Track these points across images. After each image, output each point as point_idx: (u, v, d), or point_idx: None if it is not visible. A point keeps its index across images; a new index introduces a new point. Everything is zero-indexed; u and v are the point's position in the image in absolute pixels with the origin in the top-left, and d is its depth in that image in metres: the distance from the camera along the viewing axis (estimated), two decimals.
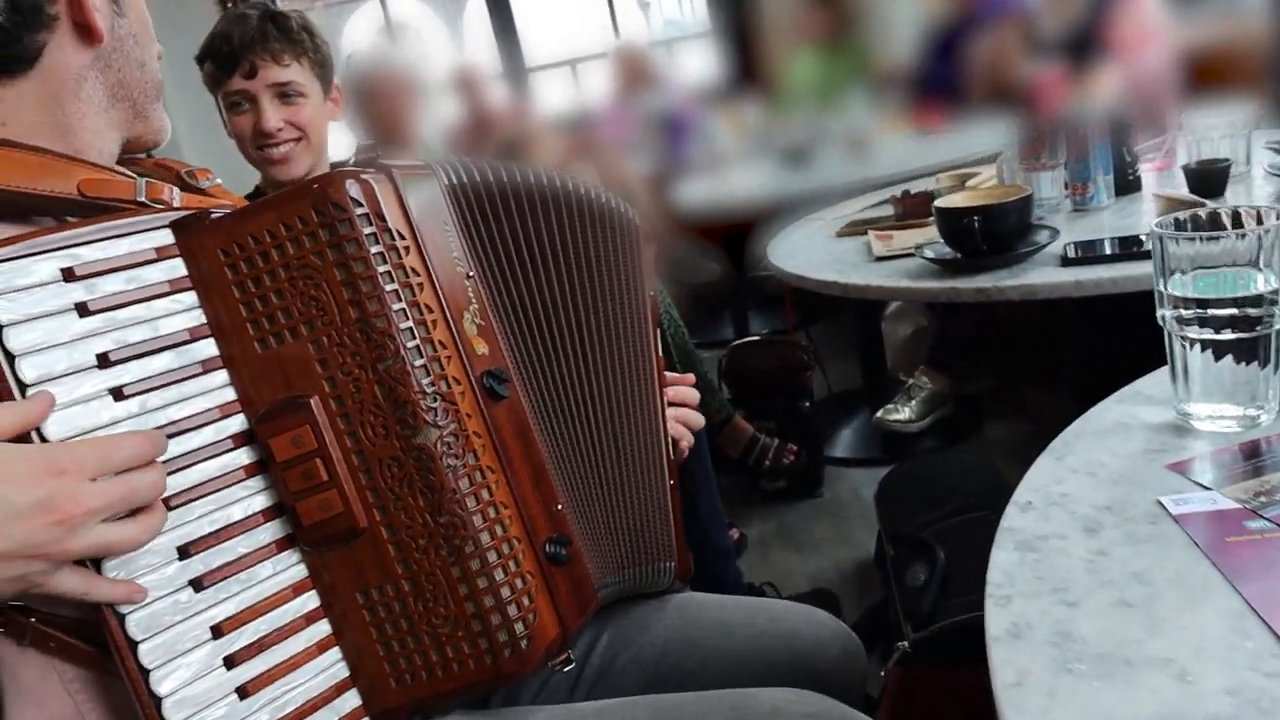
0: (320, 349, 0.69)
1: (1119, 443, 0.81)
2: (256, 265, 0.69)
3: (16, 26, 0.70)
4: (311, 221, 0.68)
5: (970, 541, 1.71)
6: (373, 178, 0.70)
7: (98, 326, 0.66)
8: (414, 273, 0.70)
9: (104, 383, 0.66)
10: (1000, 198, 1.32)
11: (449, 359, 0.71)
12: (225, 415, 0.70)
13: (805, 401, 2.47)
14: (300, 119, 1.44)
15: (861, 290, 1.36)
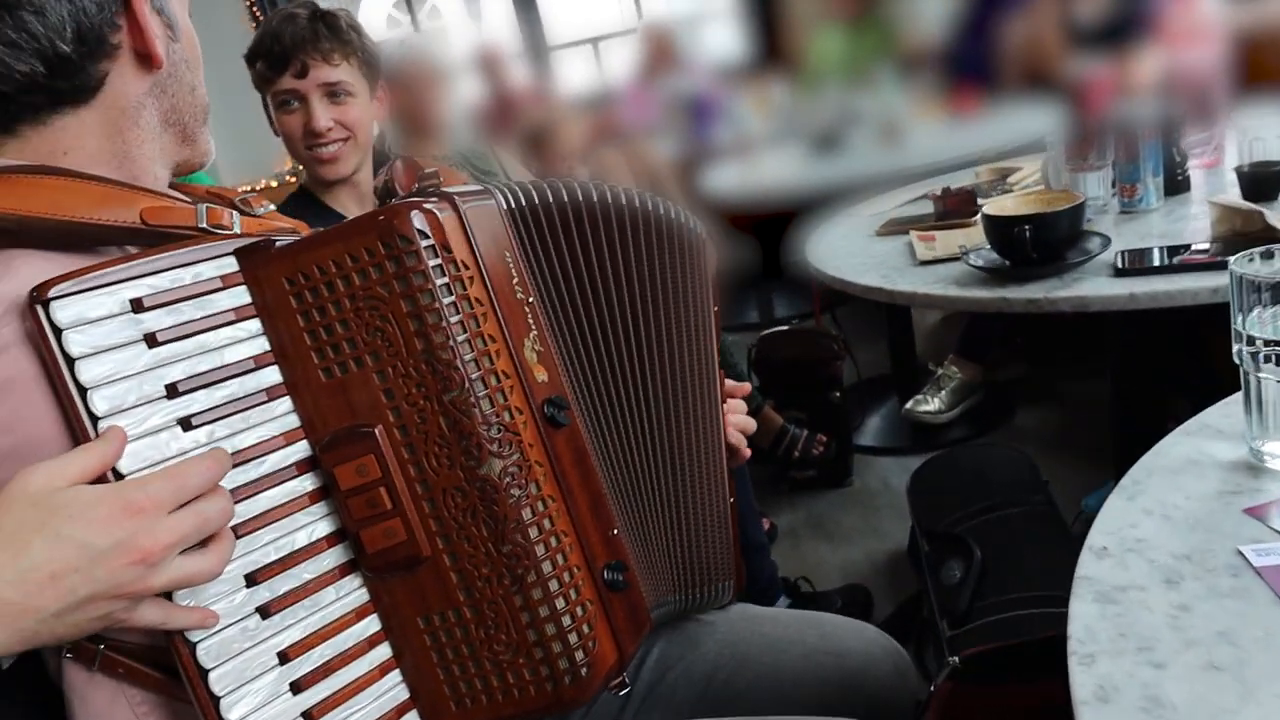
0: (385, 379, 0.69)
1: (1192, 482, 0.80)
2: (321, 294, 0.69)
3: (81, 57, 0.70)
4: (378, 253, 0.68)
5: (1006, 539, 1.71)
6: (437, 208, 0.70)
7: (166, 356, 0.66)
8: (478, 303, 0.70)
9: (173, 413, 0.66)
10: (1050, 204, 1.29)
11: (511, 389, 0.71)
12: (289, 442, 0.71)
13: (835, 391, 2.46)
14: (349, 118, 1.43)
15: (907, 298, 1.35)
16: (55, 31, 0.69)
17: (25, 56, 0.69)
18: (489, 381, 0.70)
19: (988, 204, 1.31)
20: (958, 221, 1.58)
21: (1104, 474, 2.31)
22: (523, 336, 0.74)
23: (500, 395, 0.70)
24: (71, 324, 0.63)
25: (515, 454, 0.70)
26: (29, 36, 0.68)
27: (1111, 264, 1.26)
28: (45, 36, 0.68)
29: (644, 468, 0.85)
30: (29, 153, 0.72)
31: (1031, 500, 1.78)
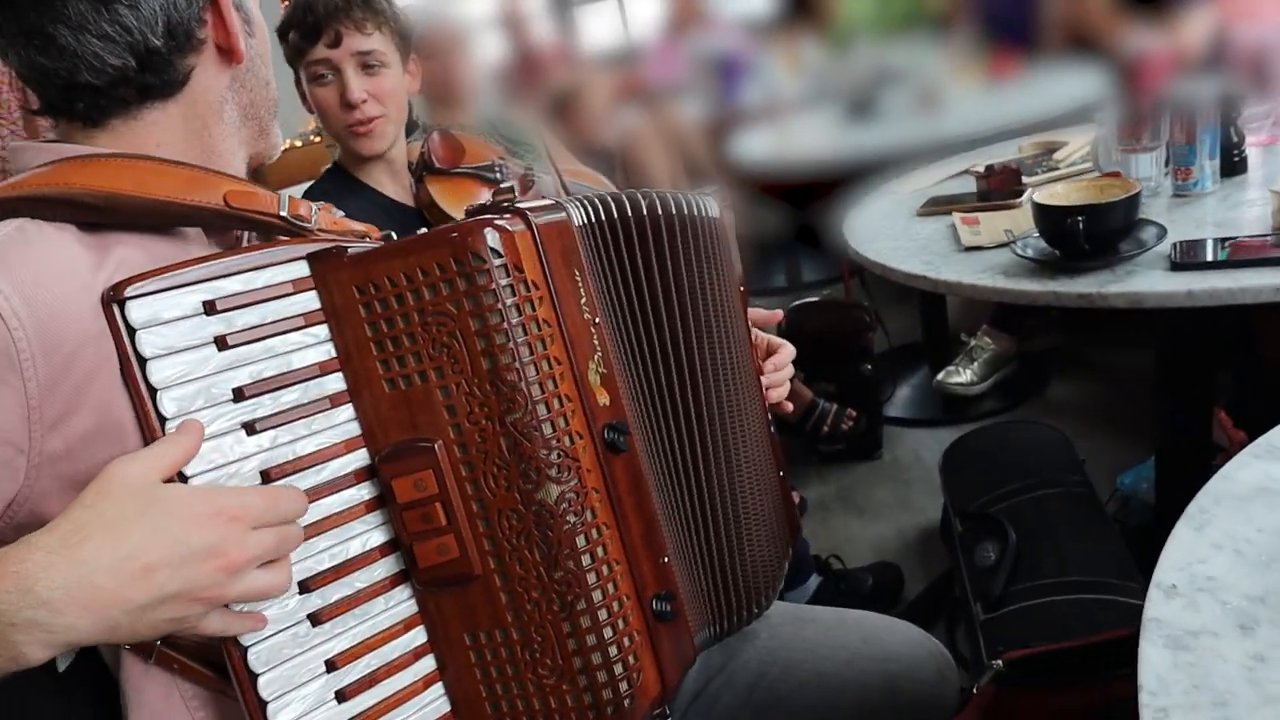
0: (448, 395, 0.69)
1: (1263, 513, 0.77)
2: (390, 306, 0.69)
3: (170, 51, 0.71)
4: (450, 269, 0.67)
5: (1041, 521, 1.70)
6: (511, 224, 0.69)
7: (234, 360, 0.66)
8: (545, 324, 0.69)
9: (238, 417, 0.66)
10: (1104, 193, 1.24)
11: (573, 413, 0.71)
12: (349, 450, 0.71)
13: (866, 364, 2.44)
14: (383, 90, 1.40)
15: (952, 288, 1.31)
16: (148, 25, 0.69)
17: (119, 50, 0.69)
18: (552, 405, 0.69)
19: (1038, 191, 1.26)
20: (1002, 202, 1.53)
21: (1140, 449, 2.31)
22: (587, 359, 0.73)
23: (562, 420, 0.70)
24: (145, 324, 0.64)
25: (573, 480, 0.70)
26: (123, 30, 0.69)
27: (1167, 256, 1.21)
28: (138, 30, 0.69)
29: (696, 482, 0.85)
30: (122, 145, 0.73)
31: (1068, 481, 1.77)
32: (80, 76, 0.69)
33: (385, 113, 1.41)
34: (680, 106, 2.61)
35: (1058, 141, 1.77)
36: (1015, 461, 1.90)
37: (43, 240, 0.65)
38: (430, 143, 1.50)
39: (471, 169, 1.53)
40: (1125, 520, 1.98)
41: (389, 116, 1.42)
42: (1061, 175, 1.62)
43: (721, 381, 0.88)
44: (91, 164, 0.69)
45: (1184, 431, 1.61)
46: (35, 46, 0.69)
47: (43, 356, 0.61)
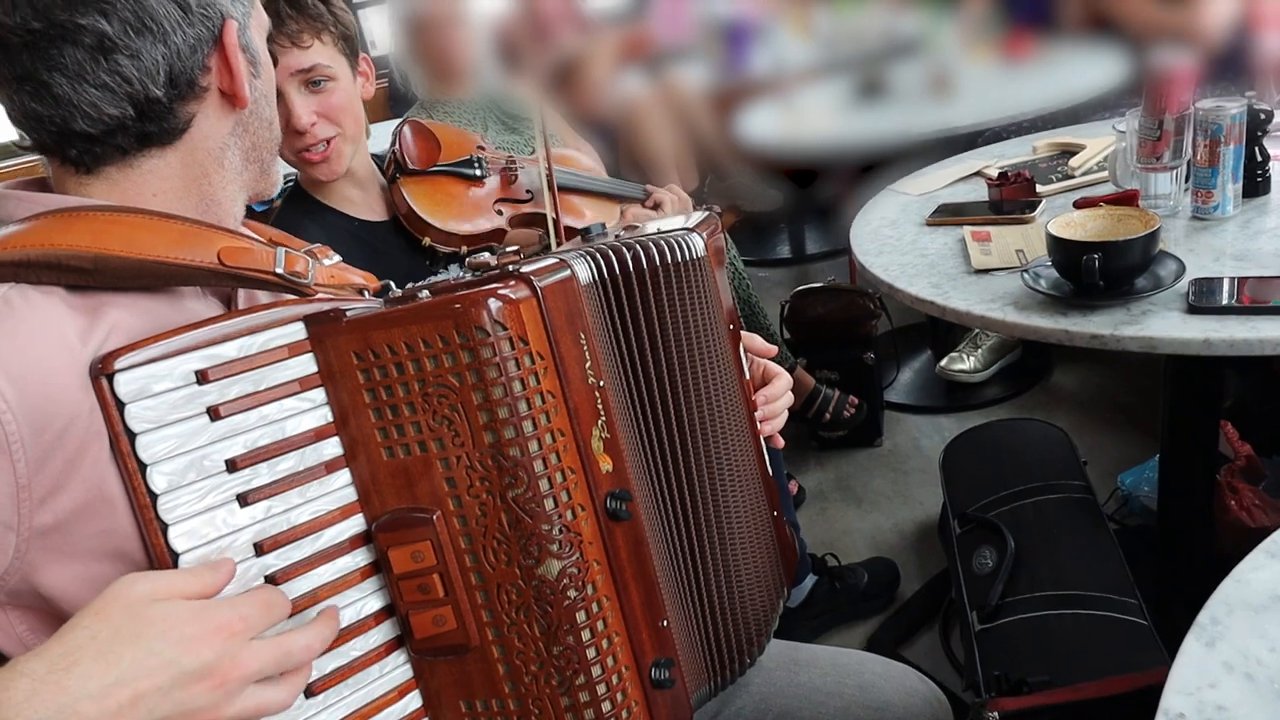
0: (448, 467, 0.67)
1: (1277, 628, 0.73)
2: (390, 374, 0.66)
3: (171, 100, 0.68)
4: (452, 341, 0.64)
5: (1041, 528, 1.70)
6: (515, 292, 0.66)
7: (227, 430, 0.64)
8: (550, 395, 0.67)
9: (231, 489, 0.64)
10: (1122, 226, 1.20)
11: (576, 485, 0.69)
12: (345, 516, 0.69)
13: (868, 352, 2.41)
14: (332, 107, 1.27)
15: (961, 317, 1.26)
16: (149, 75, 0.66)
17: (117, 100, 0.66)
18: (554, 479, 0.67)
19: (1053, 222, 1.22)
20: (1015, 216, 1.49)
21: (1142, 443, 2.30)
22: (591, 425, 0.71)
23: (565, 494, 0.68)
24: (135, 397, 0.61)
25: (575, 554, 0.68)
26: (122, 80, 0.65)
27: (1184, 295, 1.18)
28: (139, 80, 0.66)
29: (690, 533, 0.83)
30: (116, 194, 0.70)
31: (1069, 486, 1.76)
32: (75, 125, 0.66)
33: (340, 131, 1.29)
34: (686, 72, 2.54)
35: (1074, 144, 1.72)
36: (1016, 462, 1.89)
37: (29, 311, 0.62)
38: (401, 140, 1.40)
39: (449, 166, 1.45)
40: (1123, 521, 1.98)
41: (344, 134, 1.30)
42: (1077, 185, 1.58)
43: (713, 429, 0.86)
44: (79, 219, 0.65)
45: (1190, 443, 1.60)
46: (28, 92, 0.66)
47: (32, 436, 0.59)
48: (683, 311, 0.84)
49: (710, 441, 0.86)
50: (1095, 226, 1.21)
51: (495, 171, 1.52)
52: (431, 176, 1.43)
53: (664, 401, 0.82)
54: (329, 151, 1.29)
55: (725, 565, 0.87)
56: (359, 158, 1.38)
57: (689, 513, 0.84)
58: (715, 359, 0.87)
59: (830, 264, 3.70)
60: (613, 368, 0.77)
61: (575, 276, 0.73)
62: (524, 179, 1.55)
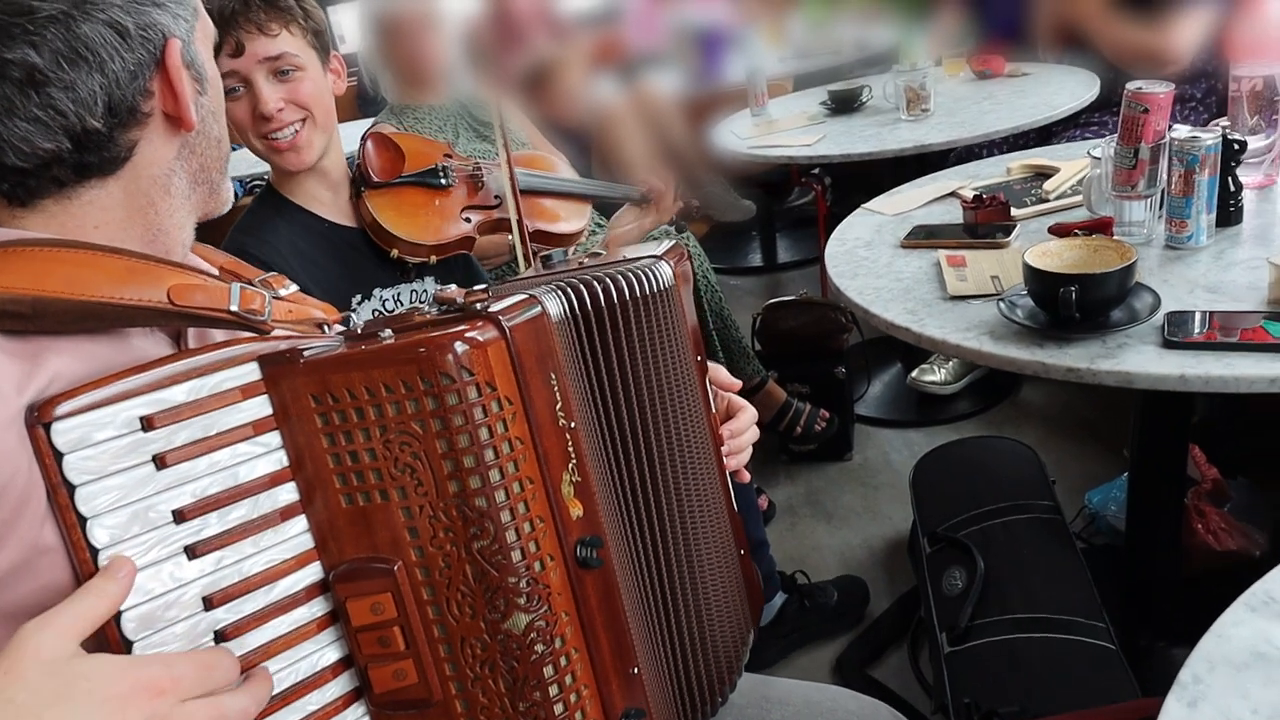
0: (410, 516, 0.64)
1: (1259, 687, 0.72)
2: (350, 419, 0.63)
3: (111, 129, 0.64)
4: (415, 387, 0.61)
5: (1010, 549, 1.70)
6: (483, 335, 0.63)
7: (174, 479, 0.60)
8: (518, 442, 0.64)
9: (178, 541, 0.61)
10: (1098, 257, 1.18)
11: (545, 534, 0.66)
12: (300, 565, 0.66)
13: (840, 367, 2.40)
14: (301, 95, 1.27)
15: (937, 345, 1.25)
16: (85, 107, 0.62)
17: (50, 134, 0.62)
18: (522, 530, 0.64)
19: (1029, 251, 1.21)
20: (990, 240, 1.48)
21: (1108, 460, 2.30)
22: (561, 470, 0.68)
23: (533, 544, 0.65)
24: (74, 447, 0.57)
25: (543, 607, 0.65)
26: (56, 113, 0.61)
27: (1159, 328, 1.17)
28: (74, 113, 0.62)
29: (658, 572, 0.81)
30: (54, 227, 0.65)
31: (1038, 506, 1.76)
32: (6, 159, 0.62)
33: (308, 116, 1.28)
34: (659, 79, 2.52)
35: (1048, 167, 1.71)
36: (986, 481, 1.89)
37: None
38: (364, 153, 1.39)
39: (413, 176, 1.42)
40: (1089, 540, 1.98)
41: (314, 121, 1.29)
42: (1051, 209, 1.57)
43: (681, 464, 0.84)
44: (14, 256, 0.61)
45: (1159, 467, 1.60)
46: None
47: None
48: (652, 345, 0.81)
49: (678, 477, 0.84)
50: (1072, 257, 1.19)
51: (461, 179, 1.49)
52: (396, 188, 1.40)
53: (633, 437, 0.79)
54: (297, 139, 1.28)
55: (694, 602, 0.84)
56: (332, 156, 1.36)
57: (659, 550, 0.81)
58: (683, 393, 0.84)
59: (801, 273, 3.69)
60: (584, 406, 0.74)
61: (546, 313, 0.70)
62: (491, 184, 1.52)
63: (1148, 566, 1.65)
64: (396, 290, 1.42)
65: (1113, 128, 2.41)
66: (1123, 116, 1.32)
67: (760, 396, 2.28)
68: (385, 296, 1.41)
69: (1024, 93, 2.43)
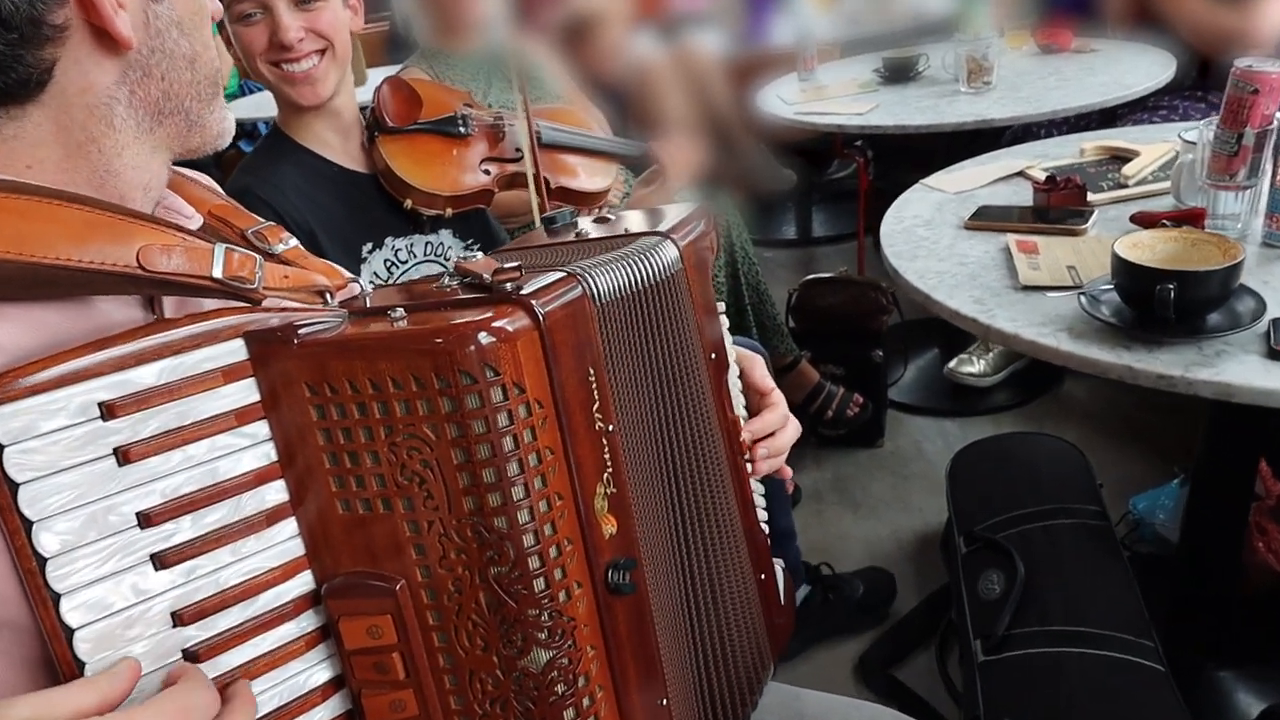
0: (418, 532, 0.54)
1: None
2: (350, 414, 0.53)
3: (11, 45, 0.51)
4: (429, 385, 0.51)
5: (1053, 555, 1.59)
6: (512, 324, 0.53)
7: (141, 476, 0.51)
8: (548, 452, 0.54)
9: (144, 548, 0.52)
10: (1197, 252, 1.07)
11: (573, 558, 0.56)
12: (288, 576, 0.56)
13: (877, 349, 2.29)
14: (321, 25, 1.19)
15: (1008, 340, 1.13)
16: None
17: None
18: (547, 555, 0.55)
19: (1120, 241, 1.09)
20: (1065, 227, 1.35)
21: (1155, 462, 2.19)
22: (595, 483, 0.58)
23: (559, 571, 0.55)
24: (16, 437, 0.48)
25: (567, 642, 0.56)
26: None
27: (1264, 336, 1.05)
28: None
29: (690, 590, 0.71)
30: None
31: (1084, 510, 1.66)
32: None
33: (328, 47, 1.20)
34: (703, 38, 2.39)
35: (1126, 150, 1.57)
36: (1028, 480, 1.78)
37: None
38: (379, 97, 1.30)
39: (430, 123, 1.34)
40: (1134, 547, 1.88)
41: (332, 54, 1.21)
42: (1130, 195, 1.44)
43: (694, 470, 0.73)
44: None
45: (1225, 480, 1.49)
46: None
47: None
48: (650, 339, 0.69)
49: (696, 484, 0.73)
50: (1166, 250, 1.07)
51: (482, 129, 1.40)
52: (411, 135, 1.31)
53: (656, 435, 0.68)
54: (314, 71, 1.20)
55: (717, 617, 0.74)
56: (344, 96, 1.27)
57: (684, 564, 0.71)
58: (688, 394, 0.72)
59: (837, 249, 3.56)
60: (621, 401, 0.64)
61: (588, 296, 0.60)
62: (513, 137, 1.43)
63: (1201, 583, 1.55)
64: (410, 240, 1.33)
65: (1184, 112, 2.27)
66: (1227, 97, 1.19)
67: (792, 376, 2.18)
68: (398, 246, 1.33)
69: (1093, 70, 2.27)
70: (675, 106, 2.29)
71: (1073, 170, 1.56)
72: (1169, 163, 1.40)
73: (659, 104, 2.28)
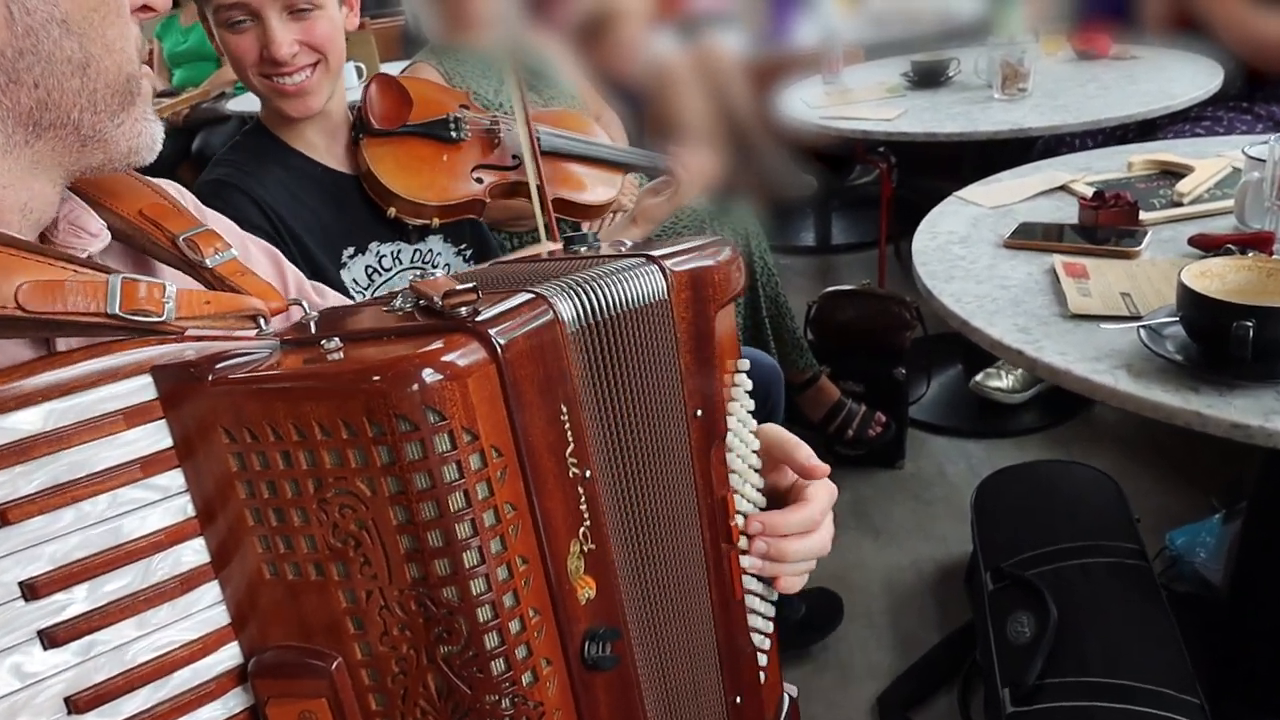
0: (354, 603, 0.46)
1: None
2: (274, 465, 0.45)
3: None
4: (362, 432, 0.43)
5: (1089, 598, 1.48)
6: (463, 359, 0.44)
7: (23, 541, 0.43)
8: (509, 508, 0.46)
9: (29, 624, 0.44)
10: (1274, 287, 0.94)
11: (540, 632, 0.48)
12: (210, 649, 0.48)
13: (899, 367, 2.19)
14: (316, 36, 1.11)
15: (1059, 376, 1.00)
16: None
17: None
18: (507, 630, 0.46)
19: (1187, 270, 0.97)
20: (1117, 249, 1.24)
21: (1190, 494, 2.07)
22: (569, 540, 0.50)
23: (522, 649, 0.47)
24: None
25: None
26: None
27: None
28: None
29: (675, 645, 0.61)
30: None
31: (1121, 549, 1.55)
32: None
33: (322, 60, 1.13)
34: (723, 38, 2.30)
35: (1178, 165, 1.45)
36: (1061, 514, 1.67)
37: None
38: (366, 96, 1.23)
39: (419, 126, 1.26)
40: (1170, 585, 1.77)
41: (326, 66, 1.14)
42: (1186, 215, 1.33)
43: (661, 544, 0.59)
44: None
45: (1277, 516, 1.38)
46: None
47: None
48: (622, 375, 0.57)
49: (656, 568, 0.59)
50: (1239, 281, 0.96)
51: (476, 134, 1.31)
52: (399, 138, 1.23)
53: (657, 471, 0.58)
54: (305, 84, 1.13)
55: None
56: (335, 99, 1.20)
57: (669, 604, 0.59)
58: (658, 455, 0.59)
59: (857, 257, 3.46)
60: (599, 440, 0.54)
61: (559, 320, 0.51)
62: (510, 142, 1.34)
63: (1252, 632, 1.44)
64: (396, 247, 1.26)
65: (1229, 124, 2.16)
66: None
67: (811, 393, 2.09)
68: (383, 252, 1.25)
69: (1134, 78, 2.17)
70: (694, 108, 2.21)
71: (1121, 186, 1.46)
72: (1226, 180, 1.29)
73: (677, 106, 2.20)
